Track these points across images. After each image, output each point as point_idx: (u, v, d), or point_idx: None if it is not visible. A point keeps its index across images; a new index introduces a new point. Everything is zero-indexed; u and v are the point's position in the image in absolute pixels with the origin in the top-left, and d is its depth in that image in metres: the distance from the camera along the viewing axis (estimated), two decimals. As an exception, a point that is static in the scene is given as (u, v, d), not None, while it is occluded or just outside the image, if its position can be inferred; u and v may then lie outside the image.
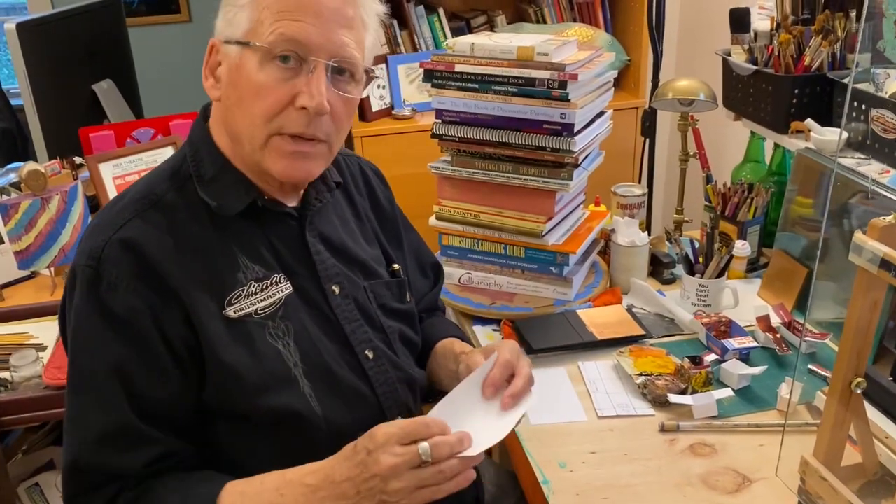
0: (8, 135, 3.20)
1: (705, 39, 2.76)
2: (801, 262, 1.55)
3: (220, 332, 0.96)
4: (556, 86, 1.40)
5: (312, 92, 0.94)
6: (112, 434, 0.93)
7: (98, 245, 0.95)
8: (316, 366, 1.02)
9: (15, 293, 1.76)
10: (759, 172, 1.84)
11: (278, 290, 1.02)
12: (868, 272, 0.91)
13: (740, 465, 1.16)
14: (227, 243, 1.00)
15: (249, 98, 0.96)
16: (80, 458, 0.94)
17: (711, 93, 1.77)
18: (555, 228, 1.54)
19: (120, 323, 0.93)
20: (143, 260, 0.94)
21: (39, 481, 1.61)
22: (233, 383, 0.96)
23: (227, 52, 0.97)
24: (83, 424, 0.95)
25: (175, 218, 0.98)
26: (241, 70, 0.96)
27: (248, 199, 1.02)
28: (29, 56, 2.00)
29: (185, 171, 1.02)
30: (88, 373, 0.94)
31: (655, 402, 1.29)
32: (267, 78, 0.94)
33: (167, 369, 0.95)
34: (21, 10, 4.24)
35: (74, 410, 0.96)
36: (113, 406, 0.93)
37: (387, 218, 1.26)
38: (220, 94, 1.00)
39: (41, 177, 1.68)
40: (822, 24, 1.60)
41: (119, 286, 0.93)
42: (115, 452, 0.94)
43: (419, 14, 2.67)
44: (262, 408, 0.98)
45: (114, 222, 0.96)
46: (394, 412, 1.09)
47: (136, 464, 0.94)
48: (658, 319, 1.55)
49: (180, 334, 0.95)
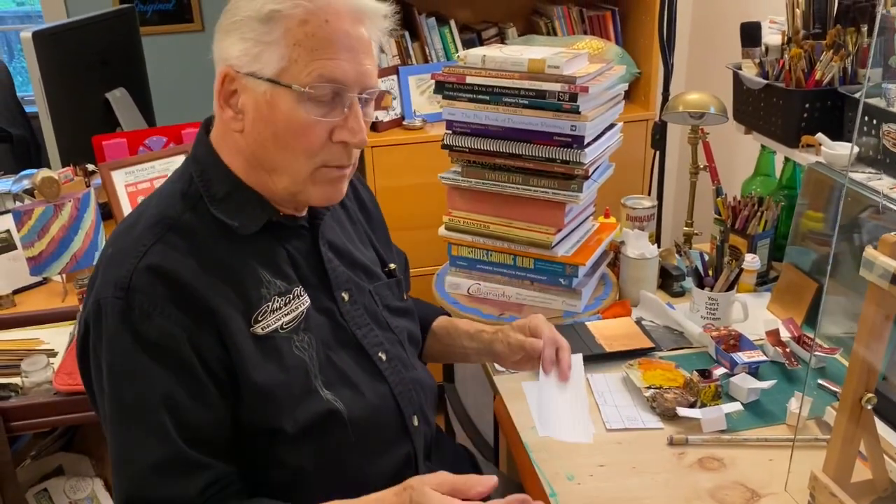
0: (22, 142, 3.23)
1: (716, 53, 2.76)
2: (811, 277, 1.55)
3: (250, 351, 0.96)
4: (566, 98, 1.41)
5: (353, 128, 0.96)
6: (166, 464, 0.92)
7: (124, 275, 0.93)
8: (335, 374, 1.03)
9: (27, 299, 1.77)
10: (769, 186, 1.83)
11: (300, 302, 1.02)
12: (879, 287, 0.90)
13: (749, 480, 1.15)
14: (248, 261, 1.00)
15: (288, 136, 0.95)
16: (135, 493, 0.92)
17: (722, 106, 1.77)
18: (564, 240, 1.54)
19: (159, 351, 0.92)
20: (174, 284, 0.93)
21: (48, 487, 1.62)
22: (265, 401, 0.96)
23: (251, 86, 0.95)
24: (134, 458, 0.92)
25: (195, 239, 0.97)
26: (274, 108, 0.94)
27: (266, 216, 1.01)
28: (44, 64, 2.02)
29: (195, 191, 1.01)
30: (134, 405, 0.92)
31: (664, 415, 1.29)
32: (307, 117, 0.94)
33: (210, 392, 0.94)
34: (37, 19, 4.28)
35: (123, 445, 0.94)
36: (164, 436, 0.92)
37: (374, 219, 1.27)
38: (243, 127, 0.97)
39: (54, 184, 1.69)
40: (834, 38, 1.60)
41: (153, 313, 0.92)
42: (171, 482, 0.92)
43: (430, 25, 2.68)
44: (294, 420, 0.98)
45: (135, 250, 0.94)
46: (410, 411, 1.11)
47: (192, 492, 0.93)
48: (667, 332, 1.54)
49: (217, 356, 0.94)
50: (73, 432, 1.76)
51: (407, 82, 2.61)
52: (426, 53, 2.70)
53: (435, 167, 1.61)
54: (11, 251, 1.78)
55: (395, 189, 2.43)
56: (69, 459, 1.68)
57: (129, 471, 0.93)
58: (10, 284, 1.76)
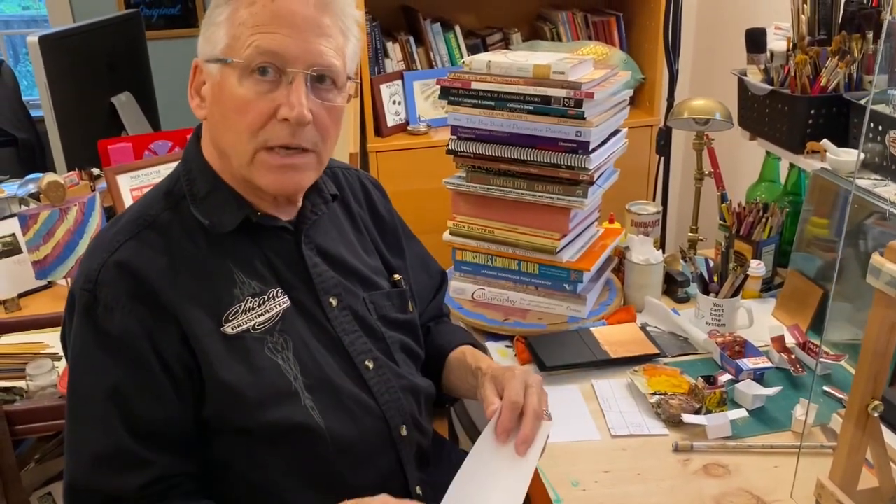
0: (27, 146, 3.25)
1: (721, 59, 2.76)
2: (817, 283, 1.55)
3: (217, 350, 0.97)
4: (571, 104, 1.41)
5: (293, 102, 0.94)
6: (107, 456, 0.94)
7: (94, 268, 0.95)
8: (316, 378, 1.03)
9: (32, 302, 1.77)
10: (774, 192, 1.83)
11: (276, 304, 1.03)
12: (885, 294, 0.90)
13: (754, 487, 1.15)
14: (223, 260, 1.01)
15: (233, 114, 0.96)
16: (76, 481, 0.95)
17: (727, 112, 1.77)
18: (569, 245, 1.54)
19: (116, 345, 0.94)
20: (139, 281, 0.95)
21: (52, 490, 1.62)
22: (232, 400, 0.97)
23: (209, 70, 0.99)
24: (79, 447, 0.95)
25: (170, 238, 0.99)
26: (222, 87, 0.97)
27: (241, 215, 1.02)
28: (50, 68, 2.03)
29: (179, 190, 1.03)
30: (85, 396, 0.95)
31: (669, 421, 1.29)
32: (247, 92, 0.95)
33: (164, 389, 0.95)
34: (43, 23, 4.30)
35: (71, 433, 0.97)
36: (108, 428, 0.94)
37: (387, 229, 1.26)
38: (206, 113, 1.01)
39: (60, 188, 1.70)
40: (839, 45, 1.60)
41: (115, 308, 0.94)
42: (111, 474, 0.94)
43: (435, 31, 2.69)
44: (264, 422, 0.98)
45: (109, 245, 0.97)
46: (397, 420, 1.10)
47: (131, 486, 0.94)
48: (672, 338, 1.54)
49: (177, 354, 0.96)
50: (77, 436, 1.76)
51: (412, 87, 2.62)
52: (431, 59, 2.71)
53: (440, 172, 1.61)
54: (17, 255, 1.78)
55: (399, 194, 2.41)
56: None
57: (74, 459, 0.96)
58: (15, 288, 1.76)
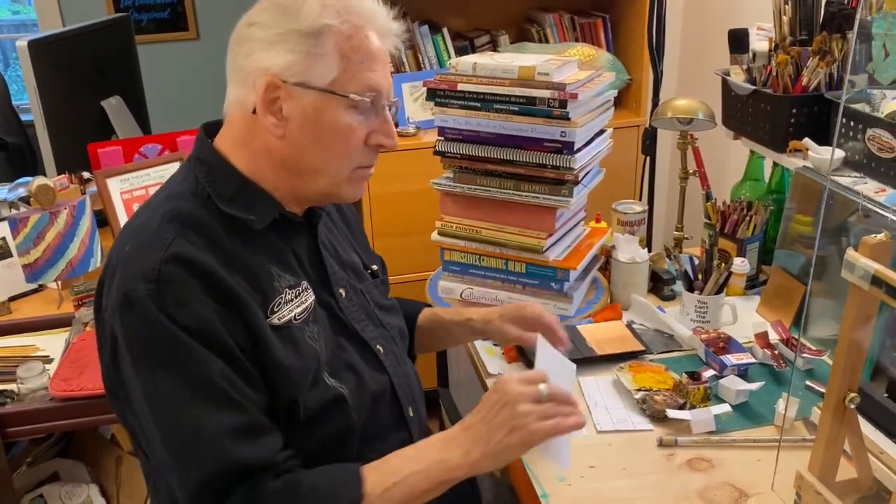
0: (17, 150, 3.24)
1: (706, 59, 2.78)
2: (800, 280, 1.57)
3: (271, 339, 0.99)
4: (556, 104, 1.43)
5: (388, 132, 1.06)
6: (243, 428, 0.94)
7: (152, 266, 0.94)
8: (342, 364, 1.07)
9: (22, 306, 1.78)
10: (758, 190, 1.85)
11: (307, 296, 1.07)
12: (860, 289, 0.92)
13: (737, 480, 1.17)
14: (261, 255, 1.03)
15: (333, 139, 1.02)
16: (218, 465, 0.92)
17: (710, 112, 1.79)
18: (555, 244, 1.56)
19: (200, 337, 0.93)
20: (201, 273, 0.95)
21: (44, 493, 1.63)
22: (287, 382, 0.99)
23: (298, 94, 0.99)
24: (207, 432, 0.93)
25: (211, 234, 1.00)
26: (323, 114, 1.00)
27: (274, 212, 1.05)
28: (39, 73, 2.03)
29: (202, 190, 1.03)
30: (196, 382, 0.93)
31: (654, 417, 1.30)
32: (352, 122, 1.02)
33: (253, 373, 0.97)
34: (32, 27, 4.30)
35: (193, 422, 0.93)
36: (234, 404, 0.94)
37: (353, 225, 1.31)
38: (284, 133, 1.01)
39: (50, 191, 1.70)
40: (820, 45, 1.62)
41: (187, 301, 0.93)
42: (252, 443, 0.94)
43: (423, 33, 2.70)
44: (307, 408, 1.01)
45: (158, 244, 0.96)
46: (406, 402, 1.16)
47: (274, 450, 0.96)
48: (657, 335, 1.56)
49: (245, 341, 0.97)
50: (68, 438, 1.77)
51: (400, 89, 2.63)
52: (419, 61, 2.72)
53: (428, 173, 1.63)
54: (7, 258, 1.79)
55: (389, 195, 2.45)
56: (65, 465, 1.69)
57: (206, 446, 0.93)
58: (5, 291, 1.77)
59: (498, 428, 0.99)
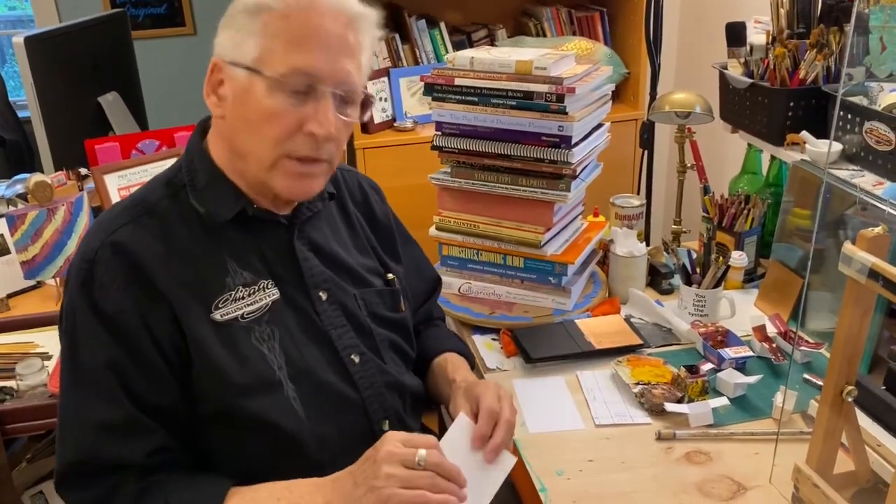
0: (15, 146, 3.23)
1: (703, 53, 2.78)
2: (798, 273, 1.57)
3: (206, 334, 1.00)
4: (553, 99, 1.43)
5: (321, 120, 0.99)
6: (113, 424, 0.96)
7: (92, 248, 0.99)
8: (300, 369, 1.05)
9: (21, 302, 1.78)
10: (756, 184, 1.86)
11: (265, 295, 1.05)
12: (857, 282, 0.92)
13: (735, 473, 1.17)
14: (217, 249, 1.04)
15: (258, 122, 0.99)
16: (84, 454, 0.97)
17: (707, 105, 1.79)
18: (553, 239, 1.56)
19: (111, 322, 0.97)
20: (134, 263, 0.98)
21: (44, 489, 1.63)
22: (219, 382, 1.00)
23: (232, 73, 1.00)
24: (83, 418, 0.97)
25: (167, 224, 1.02)
26: (249, 94, 0.98)
27: (237, 207, 1.05)
28: (36, 69, 2.03)
29: (180, 180, 1.06)
30: (86, 367, 0.97)
31: (652, 410, 1.31)
32: (277, 105, 0.97)
33: (157, 368, 0.98)
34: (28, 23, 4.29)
35: (73, 404, 0.99)
36: (112, 397, 0.96)
37: (382, 230, 1.29)
38: (224, 113, 1.02)
39: (47, 188, 1.70)
40: (817, 38, 1.62)
41: (110, 287, 0.97)
42: (118, 441, 0.97)
43: (421, 28, 2.70)
44: (247, 410, 1.00)
45: (109, 227, 1.01)
46: (379, 416, 1.12)
47: (139, 453, 0.97)
48: (655, 329, 1.56)
49: (169, 335, 0.99)
50: (68, 435, 1.77)
51: (398, 84, 2.63)
52: (416, 55, 2.72)
53: (426, 168, 1.63)
54: (5, 255, 1.79)
55: (386, 190, 2.40)
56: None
57: (78, 431, 0.97)
58: (4, 288, 1.77)
59: (360, 484, 0.94)
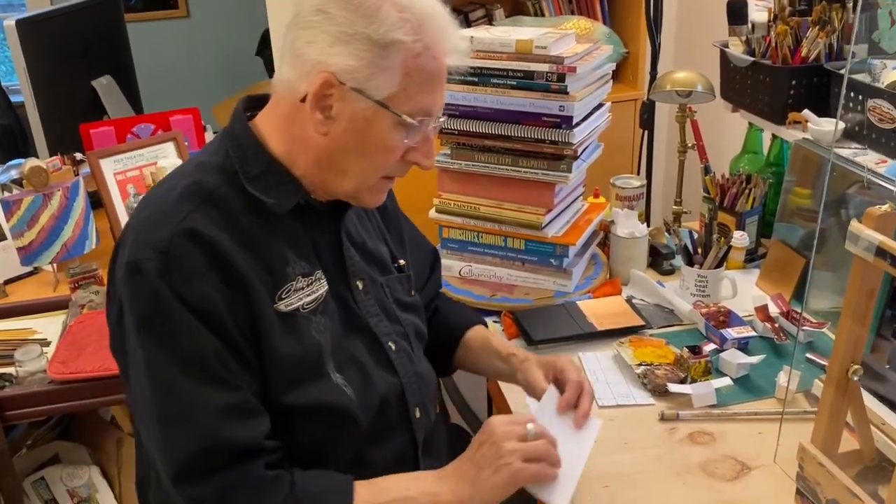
0: (8, 131, 3.21)
1: (704, 31, 2.76)
2: (799, 253, 1.56)
3: (273, 323, 0.98)
4: (554, 78, 1.41)
5: (429, 153, 1.05)
6: (235, 406, 0.94)
7: (164, 237, 0.93)
8: (347, 358, 1.05)
9: (18, 289, 1.77)
10: (757, 163, 1.84)
11: (320, 285, 1.05)
12: (864, 260, 0.92)
13: (739, 453, 1.17)
14: (277, 239, 1.02)
15: (374, 151, 1.00)
16: (204, 438, 0.93)
17: (709, 84, 1.77)
18: (554, 220, 1.55)
19: (201, 313, 0.93)
20: (211, 251, 0.94)
21: (45, 475, 1.62)
22: (283, 371, 0.98)
23: (352, 99, 0.97)
24: (204, 404, 0.93)
25: (229, 212, 0.99)
26: (371, 125, 0.98)
27: (298, 198, 1.03)
28: (28, 53, 2.01)
29: (231, 166, 1.02)
30: (192, 356, 0.93)
31: (655, 391, 1.31)
32: (396, 140, 1.00)
33: (246, 354, 0.96)
34: (19, 6, 4.24)
35: (187, 395, 0.93)
36: (227, 382, 0.94)
37: (389, 216, 1.28)
38: (328, 131, 0.99)
39: (43, 173, 1.69)
40: (819, 15, 1.61)
41: (192, 278, 0.93)
42: (242, 424, 0.94)
43: (417, 8, 2.67)
44: (303, 399, 1.00)
45: (174, 216, 0.95)
46: (413, 402, 1.13)
47: (259, 434, 0.95)
48: (657, 310, 1.56)
49: (248, 324, 0.96)
50: (68, 421, 1.76)
51: (395, 65, 2.60)
52: (414, 36, 2.69)
53: (425, 150, 1.61)
54: (1, 241, 1.77)
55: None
56: (65, 448, 1.69)
57: (195, 422, 0.93)
58: (0, 275, 1.76)
59: (485, 466, 0.99)
